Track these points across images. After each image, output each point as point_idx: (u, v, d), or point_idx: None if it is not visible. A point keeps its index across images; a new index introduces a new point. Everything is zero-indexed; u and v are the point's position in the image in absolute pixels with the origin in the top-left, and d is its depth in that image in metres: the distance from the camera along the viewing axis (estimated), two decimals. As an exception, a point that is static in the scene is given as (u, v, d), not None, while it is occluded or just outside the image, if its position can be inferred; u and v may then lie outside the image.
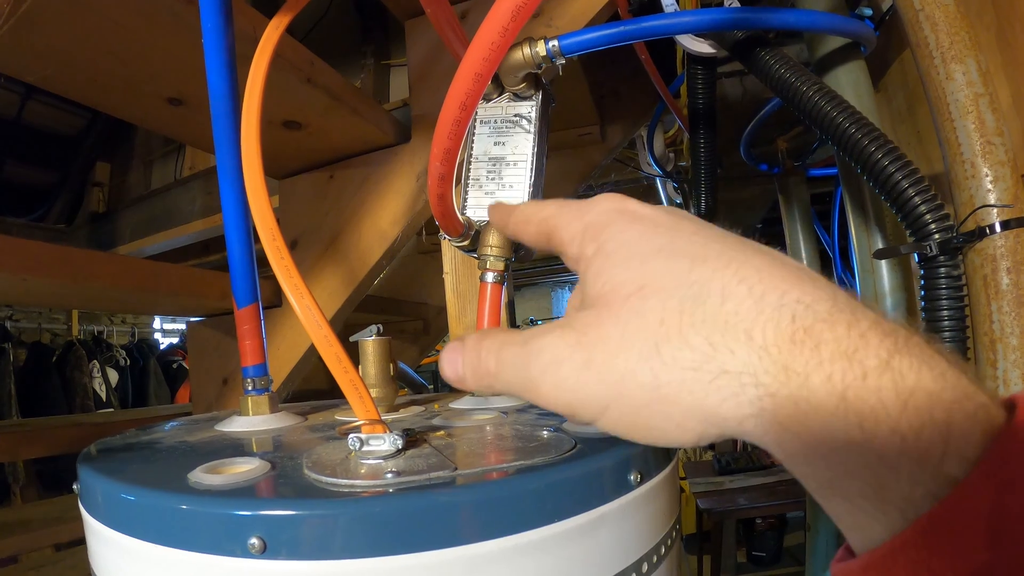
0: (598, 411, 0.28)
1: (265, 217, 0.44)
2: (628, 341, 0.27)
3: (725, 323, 0.25)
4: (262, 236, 0.44)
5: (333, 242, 1.21)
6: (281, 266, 0.43)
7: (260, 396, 0.65)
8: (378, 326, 0.66)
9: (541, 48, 0.77)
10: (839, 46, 1.09)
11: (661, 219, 0.31)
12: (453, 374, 0.35)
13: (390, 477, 0.36)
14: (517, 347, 0.31)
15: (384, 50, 2.09)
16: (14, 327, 4.74)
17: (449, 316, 1.03)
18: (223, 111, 0.63)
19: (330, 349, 0.42)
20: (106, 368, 4.88)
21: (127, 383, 5.09)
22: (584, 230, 0.32)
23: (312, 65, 0.92)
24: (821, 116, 0.86)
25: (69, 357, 4.66)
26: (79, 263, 0.85)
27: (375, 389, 0.65)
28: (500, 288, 0.74)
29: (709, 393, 0.25)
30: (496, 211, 0.42)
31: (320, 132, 1.11)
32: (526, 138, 0.86)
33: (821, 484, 0.24)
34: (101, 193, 3.36)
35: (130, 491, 0.40)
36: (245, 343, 0.65)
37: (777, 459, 0.25)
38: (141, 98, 0.95)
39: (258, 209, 0.45)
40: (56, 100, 3.27)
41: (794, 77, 0.91)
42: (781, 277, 0.26)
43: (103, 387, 4.79)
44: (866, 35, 1.04)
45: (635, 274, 0.28)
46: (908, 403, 0.22)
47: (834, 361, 0.23)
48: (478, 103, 0.80)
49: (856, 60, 1.09)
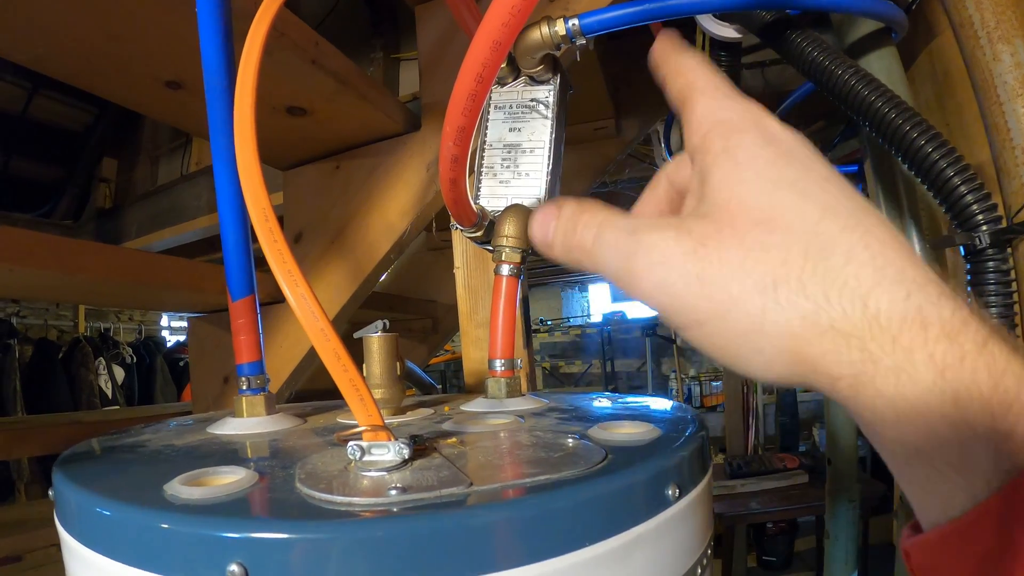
0: (694, 323, 0.29)
1: (257, 195, 0.39)
2: (747, 270, 0.27)
3: (844, 283, 0.26)
4: (253, 216, 0.39)
5: (339, 235, 1.16)
6: (274, 249, 0.38)
7: (255, 396, 0.60)
8: (384, 321, 0.61)
9: (560, 27, 0.72)
10: (870, 32, 1.04)
11: (797, 149, 0.30)
12: (542, 237, 0.35)
13: (394, 494, 0.31)
14: (623, 233, 0.31)
15: (394, 43, 2.05)
16: (20, 323, 4.73)
17: (460, 313, 0.98)
18: (218, 88, 0.58)
19: (327, 344, 0.36)
20: (112, 365, 4.86)
21: (133, 381, 5.07)
22: (718, 122, 0.31)
23: (317, 46, 0.87)
24: (858, 101, 0.81)
25: (75, 354, 4.64)
26: (68, 253, 0.81)
27: (380, 389, 0.60)
28: (516, 282, 0.68)
29: (812, 343, 0.26)
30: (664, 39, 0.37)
31: (326, 119, 1.06)
32: (543, 124, 0.81)
33: (908, 452, 0.25)
34: (108, 189, 3.34)
35: (99, 503, 0.35)
36: (240, 338, 0.60)
37: (863, 425, 0.27)
38: (138, 81, 0.90)
39: (249, 185, 0.40)
40: (63, 95, 3.26)
41: (829, 60, 0.86)
42: (900, 254, 0.26)
43: (109, 384, 4.77)
44: (899, 19, 0.98)
45: (765, 201, 0.28)
46: (999, 384, 0.24)
47: (939, 341, 0.24)
48: (493, 82, 0.75)
49: (888, 47, 1.04)
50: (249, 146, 0.42)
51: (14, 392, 4.24)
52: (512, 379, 0.66)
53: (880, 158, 1.09)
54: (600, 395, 0.74)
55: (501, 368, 0.66)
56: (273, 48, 0.83)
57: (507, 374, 0.66)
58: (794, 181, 0.28)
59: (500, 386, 0.66)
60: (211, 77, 0.57)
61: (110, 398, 4.76)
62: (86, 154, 3.46)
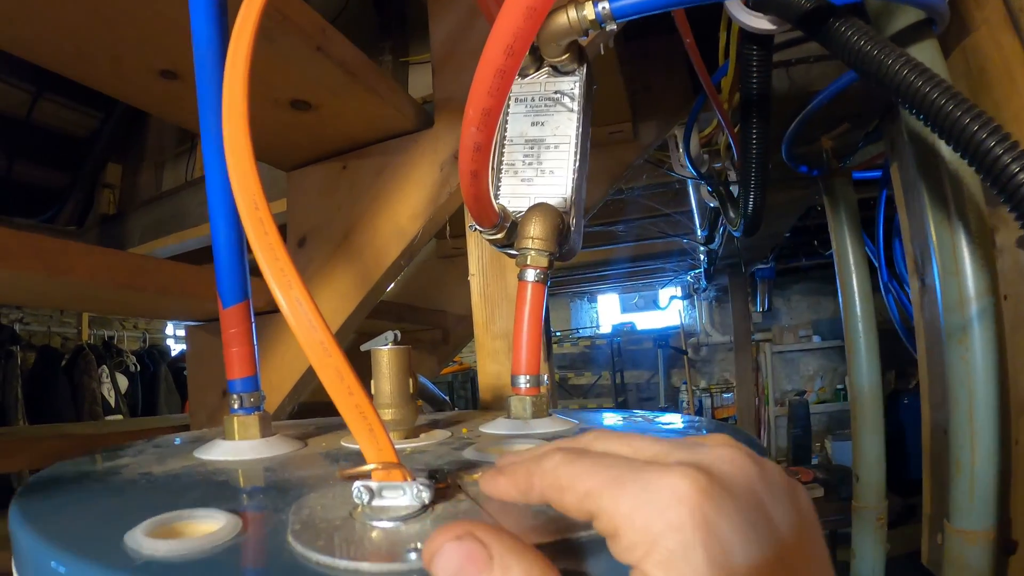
0: None
1: (245, 178, 0.32)
2: None
3: None
4: (240, 201, 0.32)
5: (346, 239, 1.09)
6: (264, 244, 0.31)
7: (249, 416, 0.53)
8: (395, 332, 0.54)
9: (589, 10, 0.65)
10: (910, 24, 0.97)
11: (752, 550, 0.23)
12: None
13: (414, 558, 0.24)
14: None
15: (403, 46, 2.01)
16: (23, 330, 4.69)
17: (475, 324, 0.91)
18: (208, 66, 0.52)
19: (328, 361, 0.29)
20: (116, 374, 4.81)
21: (137, 389, 5.02)
22: (653, 541, 0.22)
23: (324, 32, 0.80)
24: (911, 92, 0.74)
25: (78, 362, 4.59)
26: (52, 254, 0.74)
27: (390, 410, 0.53)
28: (543, 289, 0.61)
29: None
30: (506, 476, 0.28)
31: (333, 114, 0.99)
32: (569, 117, 0.74)
33: None
34: (112, 195, 3.30)
35: (49, 552, 0.29)
36: (232, 350, 0.53)
37: None
38: (131, 70, 0.83)
39: (237, 167, 0.33)
40: (67, 99, 3.21)
41: (876, 50, 0.80)
42: None
43: (112, 393, 4.71)
44: (941, 9, 0.93)
45: None
46: None
47: None
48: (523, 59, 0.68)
49: (930, 39, 0.98)
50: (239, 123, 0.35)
51: (16, 399, 4.19)
52: (538, 397, 0.59)
53: (925, 157, 1.02)
54: (628, 413, 0.67)
55: (526, 385, 0.59)
56: (275, 33, 0.76)
57: (532, 392, 0.59)
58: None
59: (525, 405, 0.58)
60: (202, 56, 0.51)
61: (113, 407, 4.71)
62: (90, 159, 3.41)
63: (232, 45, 0.37)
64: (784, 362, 6.74)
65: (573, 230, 0.66)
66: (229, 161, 0.34)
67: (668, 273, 6.12)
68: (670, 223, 3.35)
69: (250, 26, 0.38)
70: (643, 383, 7.62)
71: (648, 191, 2.91)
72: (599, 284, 7.15)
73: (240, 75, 0.37)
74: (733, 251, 3.57)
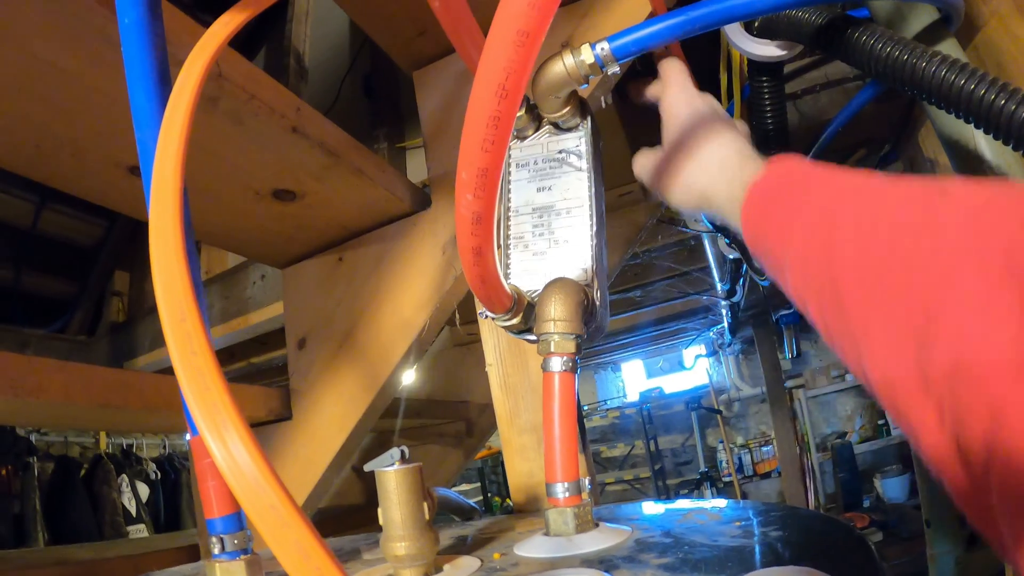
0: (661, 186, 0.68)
1: (171, 279, 0.24)
2: None
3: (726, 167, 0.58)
4: (164, 310, 0.23)
5: (348, 337, 1.00)
6: (188, 366, 0.22)
7: (233, 562, 0.44)
8: (402, 449, 0.45)
9: (587, 54, 0.59)
10: (926, 25, 0.92)
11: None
12: None
13: None
14: None
15: (398, 132, 1.98)
16: (40, 440, 4.61)
17: (498, 417, 0.82)
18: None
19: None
20: (136, 482, 4.70)
21: (159, 498, 4.90)
22: None
23: (299, 111, 0.73)
24: (954, 93, 0.68)
25: (97, 472, 4.49)
26: (18, 373, 0.67)
27: (404, 543, 0.43)
28: (572, 378, 0.52)
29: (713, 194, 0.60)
30: None
31: (319, 202, 0.92)
32: (579, 177, 0.66)
33: None
34: (120, 302, 3.29)
35: None
36: (206, 485, 0.44)
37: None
38: (95, 166, 0.77)
39: (162, 262, 0.24)
40: (71, 208, 3.22)
41: (906, 54, 0.74)
42: None
43: (133, 502, 4.60)
44: (956, 4, 0.87)
45: None
46: None
47: None
48: (522, 99, 0.61)
49: (948, 39, 0.93)
50: (168, 207, 0.27)
51: (34, 511, 4.08)
52: (580, 507, 0.49)
53: (967, 162, 0.96)
54: (691, 508, 0.57)
55: (564, 495, 0.49)
56: (243, 114, 0.70)
57: (573, 501, 0.49)
58: None
59: (566, 519, 0.49)
60: (144, 136, 0.44)
61: (134, 516, 4.59)
62: (97, 267, 3.42)
63: (166, 122, 0.30)
64: (820, 405, 6.54)
65: (599, 304, 0.57)
66: (153, 255, 0.26)
67: (691, 332, 6.02)
68: (688, 281, 3.27)
69: (187, 98, 0.31)
70: (678, 447, 7.41)
71: (666, 251, 2.84)
72: (622, 352, 7.04)
73: (173, 155, 0.29)
74: (757, 300, 3.48)
